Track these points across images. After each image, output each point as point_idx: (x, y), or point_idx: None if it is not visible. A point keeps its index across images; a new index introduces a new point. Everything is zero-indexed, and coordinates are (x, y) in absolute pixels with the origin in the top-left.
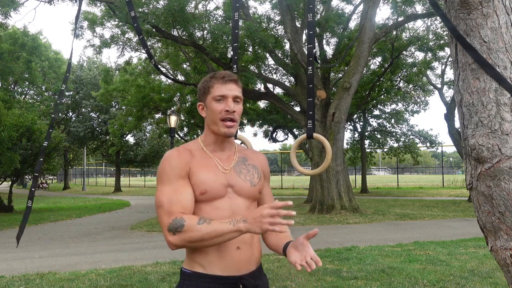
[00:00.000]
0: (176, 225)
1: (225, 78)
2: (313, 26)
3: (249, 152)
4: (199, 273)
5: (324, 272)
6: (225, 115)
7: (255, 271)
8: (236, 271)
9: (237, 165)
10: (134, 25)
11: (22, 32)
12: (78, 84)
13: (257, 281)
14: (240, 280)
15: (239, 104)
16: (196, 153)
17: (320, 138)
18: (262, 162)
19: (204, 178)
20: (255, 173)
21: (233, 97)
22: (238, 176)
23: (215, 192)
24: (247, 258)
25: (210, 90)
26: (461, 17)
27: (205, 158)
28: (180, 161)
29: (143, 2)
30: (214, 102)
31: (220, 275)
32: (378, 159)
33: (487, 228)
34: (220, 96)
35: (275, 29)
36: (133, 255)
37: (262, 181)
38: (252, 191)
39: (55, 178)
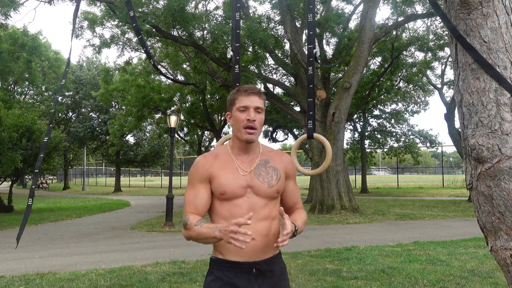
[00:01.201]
0: (184, 222)
1: (248, 91)
2: (313, 26)
3: (273, 154)
4: (220, 259)
5: (324, 272)
6: (247, 124)
7: (271, 258)
8: (251, 258)
9: (257, 167)
10: (133, 25)
11: (22, 32)
12: (78, 84)
13: (272, 266)
14: (254, 265)
15: (261, 114)
16: (221, 157)
17: (320, 138)
18: (286, 163)
19: (224, 180)
20: (274, 174)
21: (254, 107)
22: (257, 178)
23: (234, 192)
24: (262, 248)
25: (235, 102)
26: (461, 17)
27: (228, 161)
28: (202, 168)
29: (143, 2)
30: (238, 112)
31: (237, 261)
32: (378, 159)
33: (487, 228)
34: (243, 107)
35: (275, 29)
36: (133, 255)
37: (282, 182)
38: (269, 191)
39: (55, 178)
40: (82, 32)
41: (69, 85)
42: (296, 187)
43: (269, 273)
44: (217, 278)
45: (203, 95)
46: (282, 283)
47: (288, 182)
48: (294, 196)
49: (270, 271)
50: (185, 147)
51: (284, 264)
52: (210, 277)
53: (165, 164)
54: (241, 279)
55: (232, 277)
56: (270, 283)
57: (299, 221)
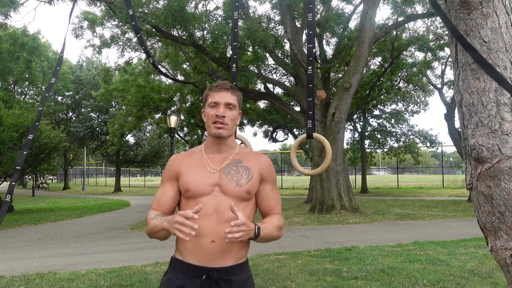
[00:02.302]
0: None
1: (219, 87)
2: (313, 26)
3: (250, 155)
4: (178, 259)
5: (324, 272)
6: (215, 119)
7: (230, 266)
8: (207, 263)
9: (227, 166)
10: (132, 23)
11: (22, 32)
12: (78, 84)
13: (229, 276)
14: (208, 271)
15: (232, 110)
16: (194, 155)
17: (320, 138)
18: (262, 164)
19: (188, 178)
20: (245, 174)
21: (225, 103)
22: (226, 176)
23: (199, 190)
24: (221, 253)
25: (207, 98)
26: (461, 17)
27: (200, 159)
28: (171, 166)
29: (143, 2)
30: (209, 108)
31: (193, 264)
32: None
33: (487, 228)
34: (213, 103)
35: (275, 29)
36: (133, 255)
37: (253, 183)
38: (237, 191)
39: (55, 178)
40: (82, 32)
41: (69, 85)
42: (274, 192)
43: (223, 283)
44: (170, 279)
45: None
46: None
47: (264, 185)
48: (270, 201)
49: (226, 281)
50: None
51: (247, 274)
52: (164, 277)
53: (165, 164)
54: (193, 284)
55: (183, 279)
56: None
57: (268, 224)
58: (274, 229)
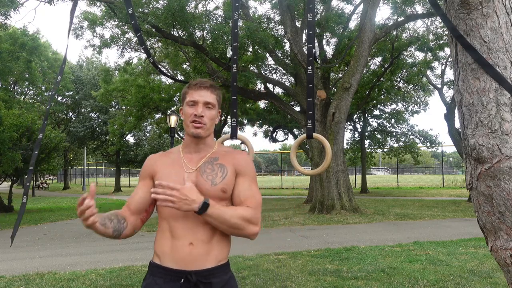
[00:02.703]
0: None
1: (197, 85)
2: (313, 26)
3: (227, 153)
4: (156, 263)
5: (324, 272)
6: (193, 118)
7: (210, 269)
8: (185, 266)
9: (203, 165)
10: (132, 22)
11: (22, 32)
12: (78, 84)
13: (208, 278)
14: (186, 275)
15: (211, 110)
16: (171, 155)
17: (320, 138)
18: (238, 160)
19: (163, 177)
20: (220, 172)
21: (203, 102)
22: (201, 175)
23: None
24: (201, 255)
25: (185, 96)
26: (461, 17)
27: (176, 159)
28: (146, 165)
29: (143, 2)
30: (187, 107)
31: (171, 268)
32: (378, 159)
33: (487, 228)
34: (192, 101)
35: (275, 29)
36: (133, 255)
37: (228, 180)
38: (213, 190)
39: (55, 178)
40: (82, 32)
41: (69, 85)
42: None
43: (202, 286)
44: (148, 285)
45: None
46: None
47: (238, 179)
48: (241, 194)
49: (206, 284)
50: None
51: (228, 275)
52: (144, 282)
53: None
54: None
55: (161, 284)
56: None
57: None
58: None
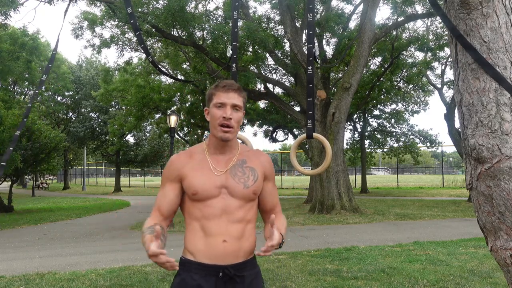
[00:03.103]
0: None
1: (226, 87)
2: (313, 26)
3: (251, 154)
4: (189, 260)
5: (324, 272)
6: (222, 121)
7: (242, 263)
8: (221, 261)
9: (233, 167)
10: (131, 21)
11: (22, 32)
12: (78, 84)
13: (242, 272)
14: (223, 269)
15: (238, 112)
16: (196, 156)
17: (320, 138)
18: (264, 163)
19: (195, 181)
20: (251, 175)
21: (231, 105)
22: (233, 178)
23: (206, 193)
24: (233, 251)
25: (212, 98)
26: (461, 17)
27: (202, 161)
28: (173, 167)
29: (143, 2)
30: (214, 109)
31: (205, 263)
32: (378, 159)
33: (487, 228)
34: (220, 103)
35: (275, 29)
36: (133, 255)
37: (259, 183)
38: (245, 192)
39: (55, 178)
40: (82, 32)
41: (69, 85)
42: (275, 188)
43: (237, 279)
44: (183, 280)
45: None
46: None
47: (267, 183)
48: (273, 198)
49: (240, 277)
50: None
51: (257, 268)
52: (177, 278)
53: (165, 164)
54: (208, 283)
55: (198, 279)
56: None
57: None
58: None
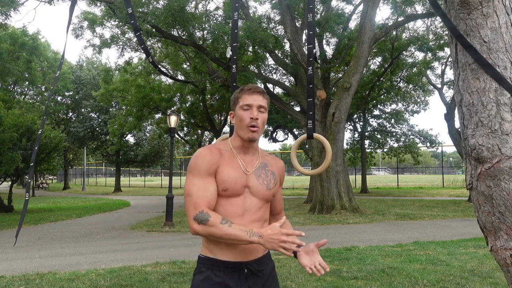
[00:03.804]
0: (202, 218)
1: (251, 90)
2: (313, 26)
3: (270, 159)
4: (212, 258)
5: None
6: (250, 122)
7: (261, 258)
8: (243, 258)
9: (258, 169)
10: (131, 21)
11: (22, 31)
12: (78, 84)
13: (261, 266)
14: (246, 265)
15: (263, 113)
16: (224, 153)
17: (320, 138)
18: (280, 168)
19: (228, 177)
20: (272, 178)
21: (257, 106)
22: (257, 179)
23: (235, 190)
24: (254, 248)
25: (238, 101)
26: (461, 17)
27: (232, 158)
28: (211, 159)
29: (143, 2)
30: (241, 111)
31: (229, 261)
32: (378, 159)
33: (487, 228)
34: (246, 105)
35: (275, 29)
36: (133, 255)
37: (277, 186)
38: (267, 194)
39: (55, 178)
40: (82, 32)
41: (69, 85)
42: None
43: (259, 273)
44: (208, 277)
45: (203, 95)
46: (272, 282)
47: (279, 188)
48: (281, 203)
49: (260, 271)
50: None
51: (272, 263)
52: (199, 276)
53: (165, 164)
54: (232, 279)
55: (223, 277)
56: (260, 283)
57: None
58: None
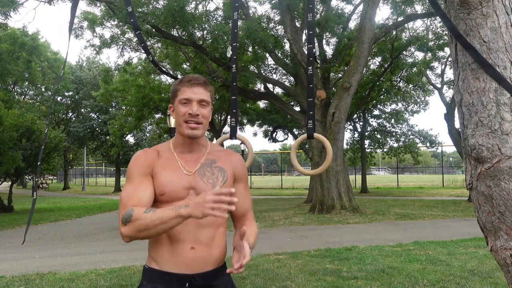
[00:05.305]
0: (126, 215)
1: (191, 82)
2: (313, 26)
3: (221, 154)
4: (154, 269)
5: (324, 272)
6: (188, 118)
7: (212, 271)
8: (188, 270)
9: (202, 167)
10: (131, 20)
11: (21, 32)
12: (78, 84)
13: (210, 281)
14: (190, 278)
15: (206, 107)
16: (163, 154)
17: (321, 138)
18: (234, 163)
19: (164, 180)
20: (220, 176)
21: (198, 100)
22: (201, 179)
23: (174, 194)
24: (202, 259)
25: (177, 93)
26: (461, 17)
27: (171, 160)
28: (144, 161)
29: (143, 2)
30: (180, 105)
31: (172, 272)
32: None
33: (487, 228)
34: (185, 100)
35: (275, 29)
36: (133, 255)
37: (228, 184)
38: None
39: (55, 178)
40: (82, 32)
41: (69, 85)
42: (247, 191)
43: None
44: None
45: None
46: None
47: (237, 185)
48: (244, 203)
49: (209, 286)
50: None
51: (228, 277)
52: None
53: None
54: None
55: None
56: None
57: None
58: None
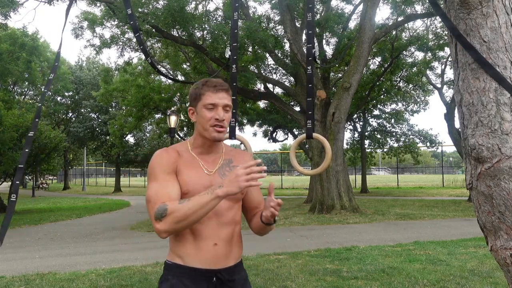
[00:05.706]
0: (160, 210)
1: (217, 87)
2: (313, 26)
3: (236, 153)
4: (178, 264)
5: (324, 272)
6: (214, 123)
7: (233, 266)
8: (213, 265)
9: (221, 167)
10: (130, 22)
11: (21, 32)
12: (78, 85)
13: (233, 276)
14: (216, 273)
15: (228, 112)
16: (183, 154)
17: (320, 138)
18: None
19: (188, 179)
20: None
21: (223, 105)
22: (221, 178)
23: (197, 193)
24: (224, 254)
25: (201, 97)
26: (461, 17)
27: (191, 159)
28: (168, 159)
29: (143, 2)
30: (205, 110)
31: (197, 267)
32: (378, 159)
33: (487, 228)
34: (211, 105)
35: (275, 29)
36: (133, 255)
37: None
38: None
39: (55, 178)
40: (82, 32)
41: (69, 86)
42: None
43: (229, 283)
44: (173, 285)
45: None
46: None
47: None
48: (258, 195)
49: (231, 281)
50: None
51: (245, 273)
52: (164, 284)
53: None
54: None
55: (190, 285)
56: None
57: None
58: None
